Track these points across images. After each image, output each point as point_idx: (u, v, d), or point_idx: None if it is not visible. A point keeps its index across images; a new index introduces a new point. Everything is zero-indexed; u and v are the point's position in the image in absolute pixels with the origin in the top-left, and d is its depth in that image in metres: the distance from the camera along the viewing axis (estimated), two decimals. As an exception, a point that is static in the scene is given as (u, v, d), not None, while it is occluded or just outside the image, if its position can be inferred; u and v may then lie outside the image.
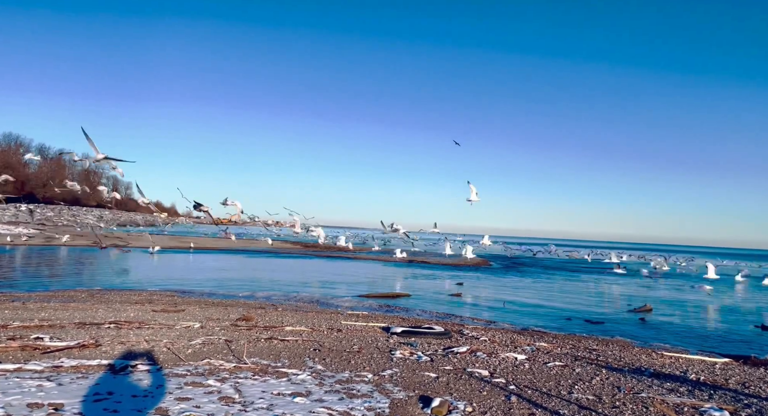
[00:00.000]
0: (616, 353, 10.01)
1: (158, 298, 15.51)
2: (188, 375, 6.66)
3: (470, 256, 34.10)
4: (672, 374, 8.22)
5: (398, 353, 8.69)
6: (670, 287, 29.26)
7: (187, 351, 8.08)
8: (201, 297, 16.63)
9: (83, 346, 7.97)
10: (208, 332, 9.85)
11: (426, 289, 22.98)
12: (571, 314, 17.30)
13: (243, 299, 16.97)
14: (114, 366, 6.89)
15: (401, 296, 19.72)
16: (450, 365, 8.06)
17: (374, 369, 7.53)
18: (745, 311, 20.35)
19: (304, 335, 10.08)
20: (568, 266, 44.29)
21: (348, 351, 8.79)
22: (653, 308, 18.97)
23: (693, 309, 20.14)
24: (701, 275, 27.12)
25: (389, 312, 15.41)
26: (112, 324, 10.15)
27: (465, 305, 18.36)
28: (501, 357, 8.85)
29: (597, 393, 6.71)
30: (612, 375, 7.83)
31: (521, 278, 30.96)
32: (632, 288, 27.67)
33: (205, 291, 18.50)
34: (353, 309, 15.39)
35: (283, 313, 13.19)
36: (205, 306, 13.90)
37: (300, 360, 7.94)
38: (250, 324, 11.10)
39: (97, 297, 15.06)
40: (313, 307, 15.57)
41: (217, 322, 11.13)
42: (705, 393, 6.99)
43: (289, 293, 19.14)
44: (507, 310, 17.67)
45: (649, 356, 9.90)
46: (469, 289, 23.64)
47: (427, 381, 6.98)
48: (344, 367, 7.60)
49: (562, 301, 21.02)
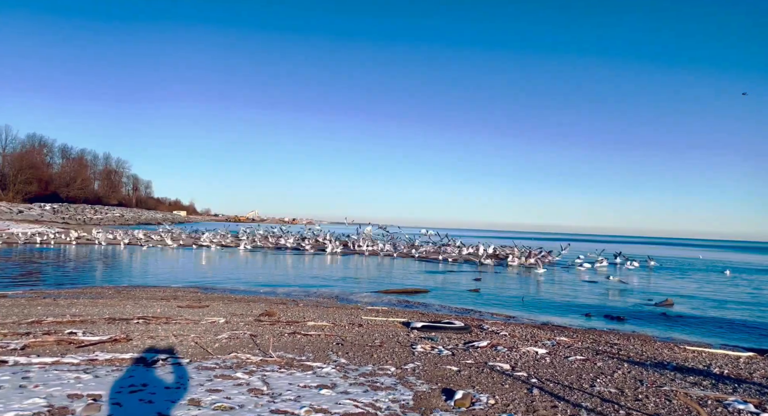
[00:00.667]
0: (638, 347, 9.99)
1: (183, 294, 15.87)
2: (217, 367, 6.87)
3: (490, 251, 34.33)
4: (695, 368, 8.20)
5: (419, 347, 8.81)
6: (695, 280, 28.87)
7: (214, 345, 8.31)
8: (224, 293, 16.95)
9: (115, 340, 8.25)
10: (233, 327, 10.09)
11: (444, 285, 23.04)
12: (590, 309, 17.20)
13: (264, 295, 17.26)
14: (145, 359, 7.13)
15: (420, 292, 19.82)
16: (471, 359, 8.15)
17: (396, 363, 7.66)
18: (767, 303, 20.01)
19: (326, 330, 10.26)
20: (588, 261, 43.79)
21: (370, 345, 8.93)
22: (674, 302, 18.77)
23: (715, 303, 19.86)
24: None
25: (408, 308, 15.54)
26: (141, 319, 10.46)
27: (483, 301, 18.39)
28: (522, 351, 8.91)
29: (619, 387, 6.75)
30: (634, 369, 7.84)
31: (539, 274, 30.78)
32: (651, 282, 27.35)
33: (227, 287, 18.85)
34: (372, 305, 15.55)
35: (304, 309, 13.40)
36: (228, 302, 14.19)
37: (324, 353, 8.11)
38: (273, 319, 11.32)
39: (123, 294, 15.47)
40: (333, 303, 15.77)
41: (241, 317, 11.37)
42: (729, 387, 6.97)
43: (309, 289, 19.39)
44: (526, 305, 17.66)
45: (671, 350, 9.86)
46: (487, 284, 23.62)
47: (449, 375, 7.08)
48: (367, 361, 7.75)
49: (582, 295, 20.90)
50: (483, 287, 21.99)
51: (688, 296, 22.04)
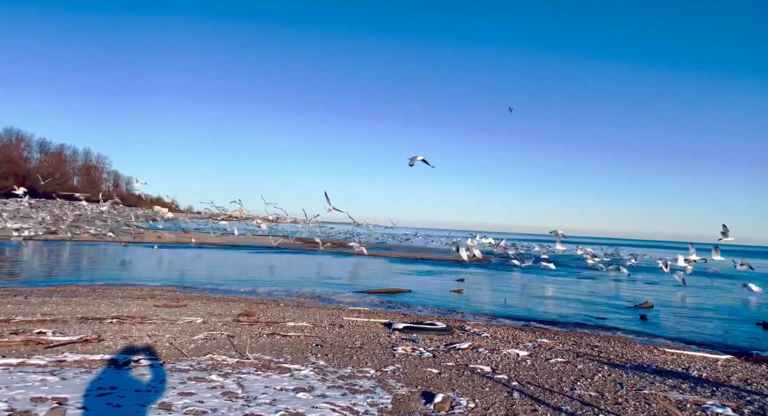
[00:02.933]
0: (618, 350, 10.02)
1: (160, 293, 15.54)
2: (191, 369, 6.67)
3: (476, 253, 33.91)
4: (674, 371, 8.22)
5: (400, 349, 8.70)
6: (671, 284, 29.27)
7: (189, 346, 8.09)
8: (203, 293, 16.65)
9: (86, 341, 7.99)
10: (210, 327, 9.87)
11: (427, 285, 22.98)
12: (572, 310, 17.30)
13: (245, 294, 16.99)
14: (117, 361, 6.90)
15: (402, 292, 19.72)
16: (452, 361, 8.07)
17: (376, 365, 7.54)
18: (747, 308, 20.36)
19: (306, 330, 10.10)
20: (570, 263, 44.24)
21: (350, 346, 8.80)
22: (654, 304, 18.96)
23: (694, 306, 20.14)
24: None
25: (390, 308, 15.43)
26: (115, 318, 10.17)
27: (466, 301, 18.36)
28: (503, 353, 8.86)
29: (599, 390, 6.72)
30: (614, 372, 7.83)
31: (522, 274, 30.94)
32: (633, 285, 27.67)
33: (206, 287, 18.53)
34: (354, 305, 15.40)
35: (284, 309, 13.21)
36: (207, 302, 13.92)
37: (302, 355, 7.95)
38: (252, 319, 11.11)
39: (99, 292, 15.09)
40: (314, 303, 15.58)
41: (219, 317, 11.14)
42: (707, 390, 6.99)
43: (291, 288, 19.16)
44: (508, 306, 17.68)
45: (650, 353, 9.90)
46: (471, 285, 23.63)
47: (429, 377, 6.98)
48: (346, 363, 7.61)
49: (564, 297, 21.02)
50: (466, 288, 21.98)
51: (669, 298, 22.31)
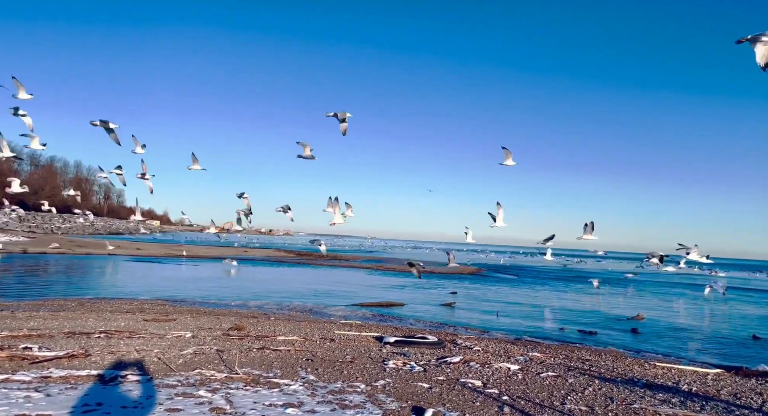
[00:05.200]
0: (609, 363, 10.02)
1: (149, 307, 15.38)
2: (179, 385, 6.59)
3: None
4: (664, 384, 8.23)
5: (391, 363, 8.65)
6: (662, 296, 29.41)
7: (178, 361, 8.00)
8: (193, 306, 16.49)
9: (72, 356, 7.87)
10: (199, 341, 9.76)
11: (420, 298, 22.93)
12: (564, 323, 17.31)
13: (235, 308, 16.86)
14: (104, 377, 6.80)
15: (395, 306, 19.66)
16: (443, 375, 8.02)
17: (367, 380, 7.48)
18: (738, 321, 20.47)
19: (297, 345, 10.02)
20: (562, 275, 44.38)
21: (341, 361, 8.73)
22: (646, 317, 19.03)
23: (686, 319, 20.24)
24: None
25: (382, 322, 15.36)
26: (103, 333, 10.04)
27: (458, 315, 18.34)
28: (494, 367, 8.83)
29: (590, 404, 6.71)
30: (605, 386, 7.83)
31: (514, 287, 30.97)
32: (625, 297, 27.76)
33: (197, 300, 18.37)
34: (346, 318, 15.32)
35: (275, 322, 13.11)
36: (197, 315, 13.79)
37: (292, 370, 7.88)
38: (242, 333, 11.01)
39: (87, 306, 14.91)
40: (306, 316, 15.49)
41: (209, 332, 11.04)
42: (697, 404, 7.00)
43: (282, 302, 19.03)
44: (501, 319, 17.66)
45: (641, 366, 9.91)
46: (463, 298, 23.61)
47: (420, 392, 6.94)
48: (337, 377, 7.55)
49: (556, 310, 21.05)
50: (458, 301, 21.95)
51: (661, 310, 22.40)
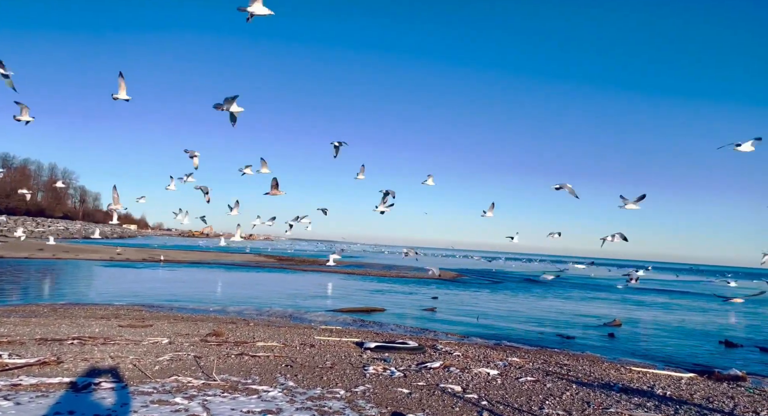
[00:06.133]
0: (586, 368, 10.15)
1: (125, 313, 15.08)
2: (154, 392, 6.46)
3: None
4: (640, 389, 8.37)
5: (371, 368, 8.62)
6: (638, 302, 29.97)
7: (154, 368, 7.85)
8: (170, 312, 16.22)
9: (44, 363, 7.67)
10: (176, 348, 9.60)
11: (401, 303, 22.94)
12: (543, 328, 17.49)
13: (214, 313, 16.63)
14: (76, 384, 6.64)
15: (376, 311, 19.63)
16: (423, 380, 8.03)
17: (347, 386, 7.45)
18: (710, 326, 20.96)
19: (276, 350, 9.92)
20: (544, 280, 44.83)
21: (320, 366, 8.68)
22: (622, 323, 19.34)
23: (661, 324, 20.62)
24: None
25: (363, 327, 15.32)
26: (76, 339, 9.81)
27: (439, 320, 18.38)
28: (474, 372, 8.87)
29: (567, 409, 6.78)
30: (582, 391, 7.93)
31: (495, 293, 31.20)
32: (603, 302, 28.19)
33: (174, 306, 18.07)
34: (327, 324, 15.24)
35: (254, 328, 12.97)
36: (174, 321, 13.56)
37: (271, 376, 7.80)
38: (221, 339, 10.87)
39: (60, 312, 14.55)
40: (285, 322, 15.36)
41: (187, 337, 10.86)
42: (671, 408, 7.14)
43: (262, 307, 18.84)
44: (480, 324, 17.76)
45: (617, 371, 10.07)
46: (444, 303, 23.67)
47: (399, 398, 6.93)
48: (316, 383, 7.50)
49: (535, 315, 21.25)
50: (439, 306, 22.00)
51: (637, 316, 22.80)
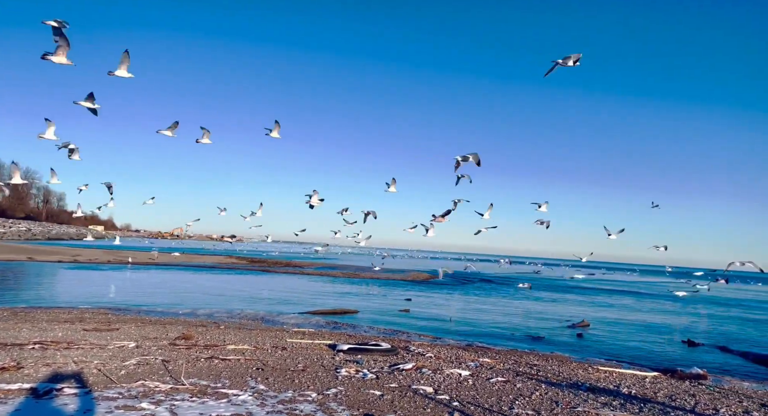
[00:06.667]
0: (555, 368, 10.35)
1: (90, 316, 14.63)
2: (120, 398, 6.29)
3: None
4: (606, 388, 8.58)
5: (344, 371, 8.60)
6: (606, 303, 30.72)
7: (119, 373, 7.64)
8: (138, 315, 15.82)
9: (3, 369, 7.38)
10: (143, 352, 9.37)
11: (374, 305, 22.92)
12: (514, 329, 17.75)
13: (183, 316, 16.29)
14: (37, 390, 6.41)
15: (349, 313, 19.57)
16: (395, 382, 8.05)
17: (319, 388, 7.40)
18: (675, 326, 21.63)
19: (247, 354, 9.79)
20: (517, 282, 45.52)
21: (292, 369, 8.60)
22: (590, 323, 19.78)
23: (628, 324, 21.17)
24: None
25: (336, 329, 15.25)
26: (37, 344, 9.47)
27: (412, 321, 18.44)
28: (446, 373, 8.93)
29: (536, 409, 6.90)
30: (551, 390, 8.08)
31: (467, 294, 31.50)
32: (572, 303, 28.78)
33: (142, 309, 17.63)
34: (299, 326, 15.12)
35: (225, 331, 12.77)
36: (142, 325, 13.23)
37: (242, 379, 7.69)
38: (190, 342, 10.66)
39: (20, 316, 14.01)
40: (257, 324, 15.16)
41: (154, 341, 10.61)
42: (636, 407, 7.34)
43: (233, 310, 18.55)
44: (453, 325, 17.91)
45: (585, 371, 10.29)
46: (417, 304, 23.77)
47: (371, 400, 6.93)
48: (288, 386, 7.43)
49: (506, 316, 21.55)
50: (413, 308, 22.09)
51: (605, 316, 23.35)
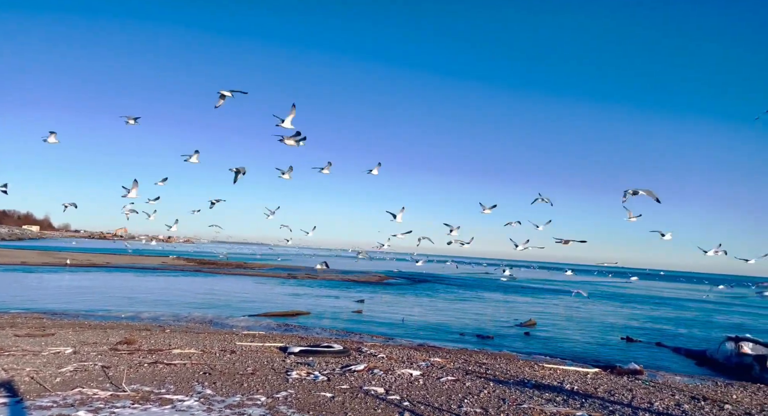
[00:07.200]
0: (503, 366, 10.63)
1: (23, 321, 13.77)
2: (54, 406, 5.95)
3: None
4: (551, 384, 8.89)
5: (294, 373, 8.49)
6: (551, 303, 31.87)
7: (54, 380, 7.23)
8: (76, 319, 15.03)
9: None
10: (81, 358, 8.91)
11: (327, 306, 22.79)
12: (464, 328, 18.09)
13: (126, 320, 15.61)
14: (-40, 401, 5.97)
15: (301, 314, 19.36)
16: (347, 384, 8.02)
17: (268, 392, 7.28)
18: (615, 324, 22.71)
19: (194, 358, 9.50)
20: (468, 282, 46.48)
21: (241, 373, 8.41)
22: (537, 322, 20.46)
23: (572, 322, 22.06)
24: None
25: (288, 331, 15.04)
26: (-39, 351, 8.82)
27: (365, 322, 18.45)
28: (397, 373, 8.99)
29: (484, 406, 7.06)
30: (498, 388, 8.29)
31: (420, 294, 31.84)
32: (520, 303, 29.66)
33: (81, 312, 16.76)
34: (250, 329, 14.81)
35: (171, 335, 12.33)
36: (81, 329, 12.58)
37: (187, 384, 7.45)
38: (133, 347, 10.23)
39: (-57, 321, 13.01)
40: (205, 328, 14.74)
41: (94, 346, 10.11)
42: (578, 402, 7.64)
43: (180, 313, 17.94)
44: (405, 326, 18.06)
45: (531, 368, 10.63)
46: (370, 305, 23.82)
47: (322, 402, 6.88)
48: (236, 390, 7.26)
49: (457, 316, 21.95)
50: (366, 309, 22.11)
51: (551, 316, 24.21)
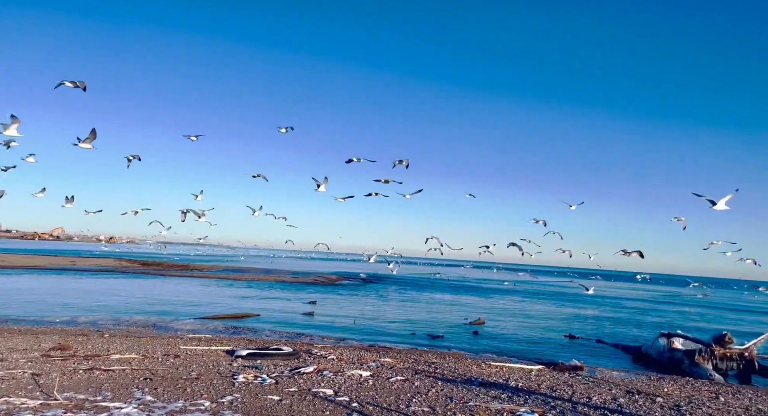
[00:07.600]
0: (452, 365, 10.81)
1: (-57, 326, 12.74)
2: (-25, 419, 5.54)
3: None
4: (497, 382, 9.12)
5: (241, 377, 8.29)
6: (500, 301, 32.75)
7: (-24, 391, 6.73)
8: (4, 325, 14.07)
9: None
10: (9, 365, 8.34)
11: (277, 308, 22.41)
12: (415, 328, 18.27)
13: (61, 325, 14.75)
14: None
15: (250, 317, 18.93)
16: (295, 386, 7.92)
17: (213, 396, 7.07)
18: (558, 322, 23.58)
19: (134, 363, 9.10)
20: (420, 282, 46.98)
21: (185, 378, 8.13)
22: (486, 321, 20.95)
23: (518, 320, 22.72)
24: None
25: (236, 334, 14.68)
26: None
27: (317, 324, 18.29)
28: (347, 374, 8.96)
29: (432, 405, 7.15)
30: (446, 387, 8.41)
31: (372, 295, 31.89)
32: (470, 302, 30.27)
33: (10, 318, 15.69)
34: (195, 332, 14.35)
35: (110, 340, 11.76)
36: (9, 335, 11.79)
37: (126, 391, 7.12)
38: (67, 353, 9.68)
39: None
40: (147, 332, 14.15)
41: (23, 353, 9.49)
42: (522, 398, 7.88)
43: (120, 317, 17.14)
44: (357, 327, 18.03)
45: (479, 366, 10.86)
46: (322, 307, 23.62)
47: (269, 405, 6.76)
48: (179, 396, 7.01)
49: (408, 316, 22.13)
50: (318, 310, 21.91)
51: (499, 314, 24.85)
